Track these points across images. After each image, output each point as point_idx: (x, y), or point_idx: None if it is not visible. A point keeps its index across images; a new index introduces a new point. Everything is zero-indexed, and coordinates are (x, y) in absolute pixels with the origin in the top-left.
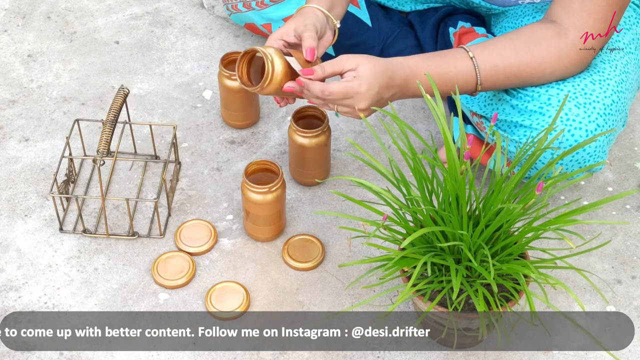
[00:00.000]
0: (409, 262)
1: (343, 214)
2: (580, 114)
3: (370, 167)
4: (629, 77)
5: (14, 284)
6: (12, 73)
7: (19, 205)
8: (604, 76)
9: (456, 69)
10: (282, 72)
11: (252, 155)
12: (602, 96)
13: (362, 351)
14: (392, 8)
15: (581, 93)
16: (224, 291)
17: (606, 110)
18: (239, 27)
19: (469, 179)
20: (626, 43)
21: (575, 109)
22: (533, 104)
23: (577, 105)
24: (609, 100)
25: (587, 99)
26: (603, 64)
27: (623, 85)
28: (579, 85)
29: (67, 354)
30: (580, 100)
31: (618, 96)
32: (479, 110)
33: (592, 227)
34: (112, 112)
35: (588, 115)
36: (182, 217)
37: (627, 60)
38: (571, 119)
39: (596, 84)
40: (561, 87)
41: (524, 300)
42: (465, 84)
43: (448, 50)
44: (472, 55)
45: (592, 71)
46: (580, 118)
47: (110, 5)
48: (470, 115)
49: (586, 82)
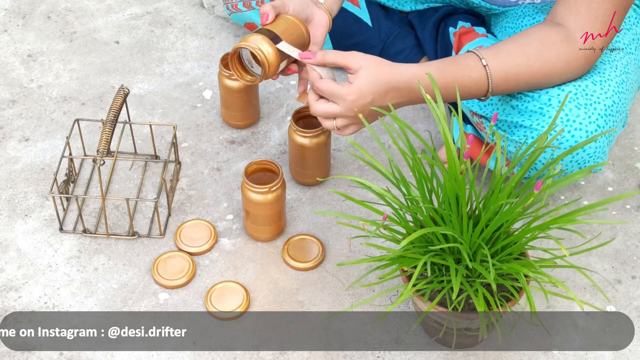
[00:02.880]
0: (408, 261)
1: (343, 214)
2: (580, 114)
3: (370, 167)
4: (629, 77)
5: (14, 284)
6: (12, 73)
7: (19, 205)
8: (604, 77)
9: (470, 79)
10: (273, 53)
11: (252, 155)
12: (603, 97)
13: (362, 351)
14: (392, 8)
15: (582, 94)
16: (224, 291)
17: (607, 111)
18: (239, 27)
19: (469, 178)
20: (626, 43)
21: (575, 109)
22: (533, 105)
23: (577, 106)
24: (610, 101)
25: (587, 99)
26: (603, 65)
27: (624, 86)
28: (579, 86)
29: (67, 354)
30: (581, 101)
31: (619, 97)
32: (479, 111)
33: (592, 227)
34: (112, 112)
35: (589, 116)
36: (182, 217)
37: (627, 61)
38: (571, 119)
39: (597, 84)
40: (562, 87)
41: (524, 300)
42: (477, 92)
43: (461, 57)
44: (485, 63)
45: (593, 72)
46: (580, 119)
47: (110, 5)
48: (470, 115)
49: (587, 83)
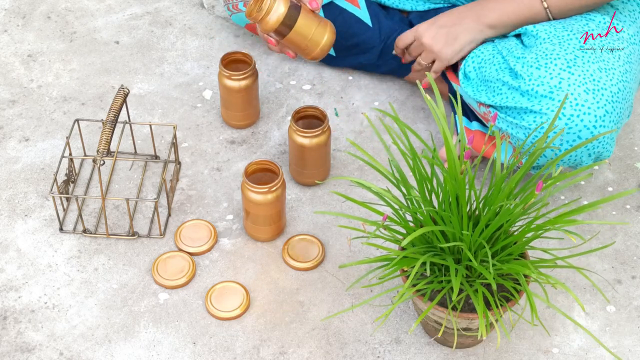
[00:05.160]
0: (408, 262)
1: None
2: (589, 99)
3: (370, 167)
4: (633, 67)
5: (14, 284)
6: (12, 73)
7: (19, 205)
8: (608, 65)
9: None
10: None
11: (252, 155)
12: (609, 84)
13: (362, 351)
14: (392, 7)
15: (590, 79)
16: (224, 291)
17: (614, 98)
18: (239, 27)
19: (469, 178)
20: (631, 34)
21: (584, 94)
22: (543, 88)
23: (586, 91)
24: (616, 88)
25: (595, 85)
26: (608, 54)
27: (627, 75)
28: (587, 71)
29: (67, 354)
30: (589, 86)
31: (623, 85)
32: (487, 100)
33: (592, 227)
34: (112, 112)
35: (597, 101)
36: (182, 217)
37: (630, 51)
38: (580, 104)
39: (602, 71)
40: (572, 70)
41: (524, 300)
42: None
43: None
44: None
45: (599, 59)
46: (589, 103)
47: (110, 5)
48: (477, 107)
49: (594, 69)
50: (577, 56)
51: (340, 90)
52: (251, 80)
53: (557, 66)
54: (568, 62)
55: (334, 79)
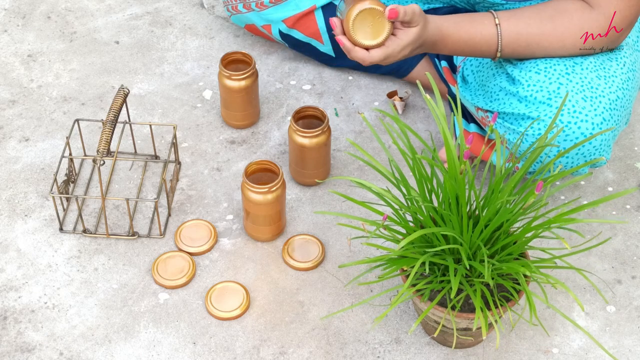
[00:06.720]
0: (408, 261)
1: (343, 214)
2: (586, 106)
3: (370, 167)
4: (635, 75)
5: (14, 284)
6: (12, 73)
7: (19, 205)
8: (609, 72)
9: (481, 35)
10: None
11: (252, 155)
12: (607, 91)
13: (362, 351)
14: None
15: (588, 86)
16: (224, 291)
17: (611, 105)
18: (239, 27)
19: (468, 179)
20: (634, 40)
21: (582, 101)
22: (542, 95)
23: (584, 98)
24: (614, 95)
25: (593, 92)
26: (610, 62)
27: (629, 83)
28: (585, 78)
29: (67, 354)
30: (587, 93)
31: (623, 92)
32: (484, 106)
33: (592, 227)
34: (112, 112)
35: (594, 109)
36: (182, 217)
37: (635, 58)
38: (577, 111)
39: (601, 79)
40: (570, 77)
41: (523, 300)
42: (488, 50)
43: (478, 15)
44: (497, 22)
45: (599, 67)
46: (586, 111)
47: (110, 5)
48: (474, 111)
49: (592, 77)
50: (577, 62)
51: (340, 90)
52: (251, 80)
53: (557, 72)
54: (567, 68)
55: (334, 79)
